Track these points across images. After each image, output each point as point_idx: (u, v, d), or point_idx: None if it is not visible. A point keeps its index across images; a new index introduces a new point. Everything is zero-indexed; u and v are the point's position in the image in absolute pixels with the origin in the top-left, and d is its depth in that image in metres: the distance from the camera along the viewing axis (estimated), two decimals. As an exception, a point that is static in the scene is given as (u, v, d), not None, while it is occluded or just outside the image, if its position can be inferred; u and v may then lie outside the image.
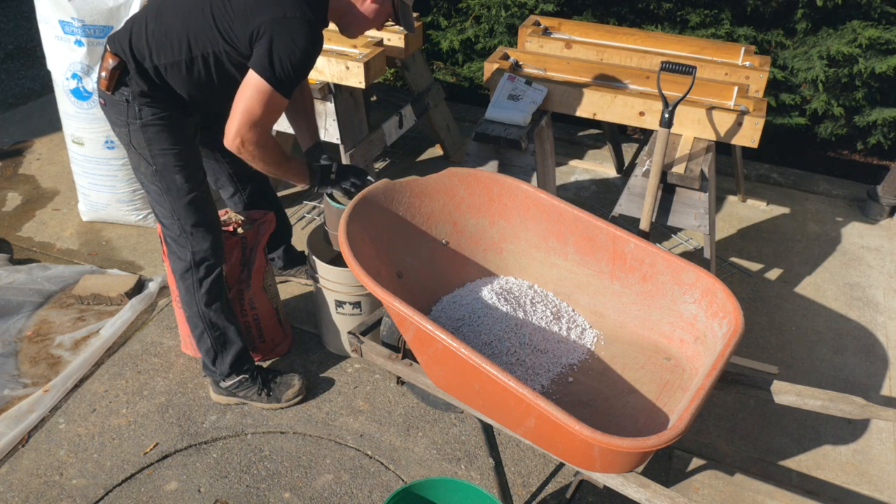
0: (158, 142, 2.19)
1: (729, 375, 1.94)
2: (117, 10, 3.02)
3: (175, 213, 2.27)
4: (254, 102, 1.99)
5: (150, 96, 2.14)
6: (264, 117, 2.02)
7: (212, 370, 2.50)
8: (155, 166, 2.21)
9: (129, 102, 2.14)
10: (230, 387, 2.52)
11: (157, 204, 2.30)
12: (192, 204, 2.27)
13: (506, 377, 1.62)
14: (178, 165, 2.22)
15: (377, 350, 2.12)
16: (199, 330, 2.43)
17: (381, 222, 2.13)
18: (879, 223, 3.62)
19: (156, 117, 2.16)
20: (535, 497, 2.29)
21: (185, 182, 2.24)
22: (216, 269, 2.37)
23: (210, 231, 2.33)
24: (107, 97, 2.17)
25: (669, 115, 2.42)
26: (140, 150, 2.20)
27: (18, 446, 2.43)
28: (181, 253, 2.33)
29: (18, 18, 5.95)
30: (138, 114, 2.15)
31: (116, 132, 2.25)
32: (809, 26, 3.78)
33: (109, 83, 2.13)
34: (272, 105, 2.02)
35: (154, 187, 2.26)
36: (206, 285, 2.36)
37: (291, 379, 2.57)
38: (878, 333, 2.96)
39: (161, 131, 2.18)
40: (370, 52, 3.07)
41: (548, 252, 2.22)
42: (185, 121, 2.24)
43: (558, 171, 4.00)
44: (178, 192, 2.24)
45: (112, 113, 2.20)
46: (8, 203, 3.71)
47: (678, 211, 2.61)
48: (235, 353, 2.47)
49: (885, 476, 2.39)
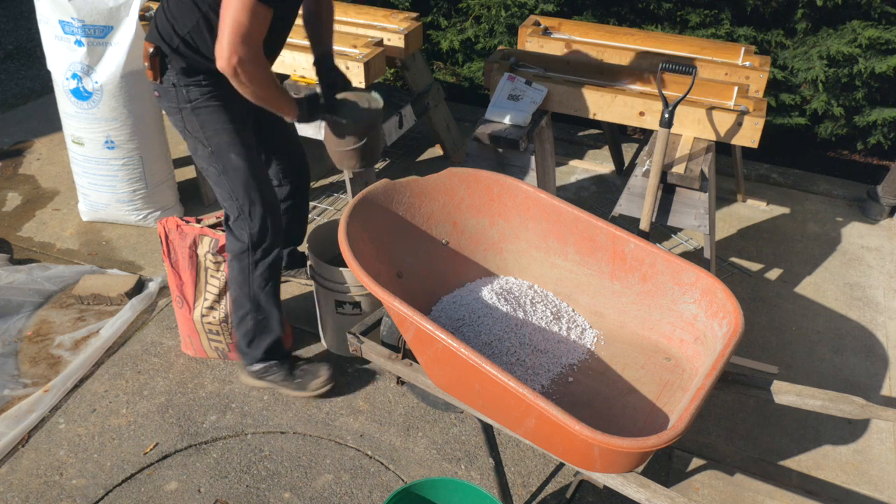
0: (211, 122, 2.24)
1: (729, 375, 1.94)
2: (117, 10, 3.02)
3: (234, 193, 2.30)
4: (240, 14, 1.94)
5: (192, 73, 2.18)
6: (253, 29, 1.97)
7: (244, 352, 2.52)
8: (210, 147, 2.26)
9: (175, 87, 2.20)
10: (258, 371, 2.53)
11: (216, 186, 2.34)
12: (250, 183, 2.30)
13: (506, 377, 1.62)
14: (232, 144, 2.26)
15: (377, 350, 2.12)
16: (244, 311, 2.44)
17: (381, 222, 2.13)
18: (879, 223, 3.62)
19: (204, 97, 2.21)
20: (535, 497, 2.29)
21: (242, 160, 2.28)
22: (273, 250, 2.40)
23: (268, 211, 2.35)
24: (157, 87, 2.25)
25: (669, 115, 2.42)
26: (194, 132, 2.26)
27: (18, 446, 2.43)
28: (239, 234, 2.36)
29: (18, 18, 5.95)
30: (186, 96, 2.21)
31: (173, 122, 2.31)
32: (809, 26, 3.78)
33: (154, 71, 2.20)
34: (258, 16, 1.96)
35: (212, 169, 2.30)
36: (261, 267, 2.39)
37: (319, 369, 2.58)
38: (878, 333, 2.96)
39: (213, 112, 2.24)
40: (370, 52, 3.07)
41: (548, 252, 2.22)
42: (234, 99, 2.22)
43: (558, 171, 4.00)
44: (235, 172, 2.28)
45: (165, 102, 2.26)
46: (8, 203, 3.71)
47: (678, 211, 2.61)
48: (272, 341, 2.49)
49: (885, 476, 2.39)
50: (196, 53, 2.18)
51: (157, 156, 3.36)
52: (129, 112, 3.18)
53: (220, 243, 2.52)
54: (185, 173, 3.79)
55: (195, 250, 2.55)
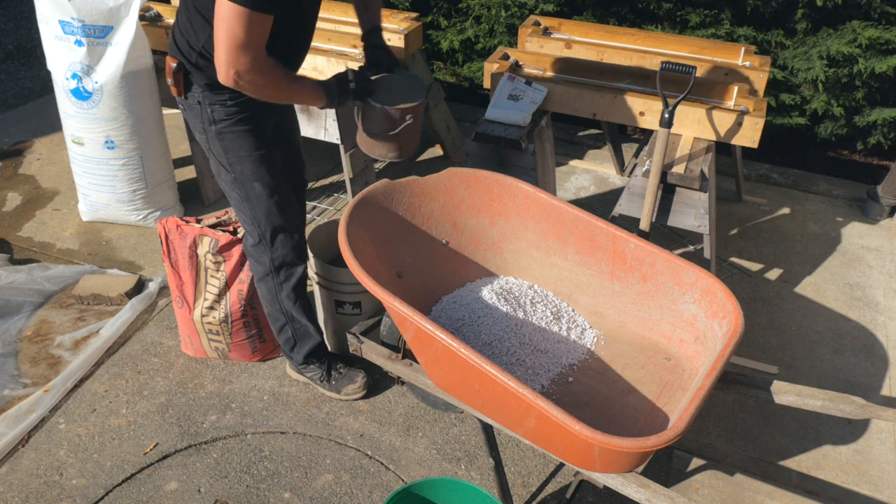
0: (235, 149, 2.16)
1: (729, 375, 1.94)
2: (117, 10, 3.02)
3: (255, 220, 2.26)
4: (233, 25, 1.82)
5: (217, 88, 2.08)
6: (249, 39, 1.85)
7: (288, 356, 2.57)
8: (234, 174, 2.20)
9: (200, 105, 2.12)
10: (300, 366, 2.58)
11: (238, 210, 2.30)
12: (273, 211, 2.25)
13: (506, 377, 1.62)
14: (256, 173, 2.19)
15: (377, 350, 2.12)
16: (281, 323, 2.46)
17: (381, 222, 2.13)
18: (879, 223, 3.62)
19: (230, 119, 2.13)
20: (535, 497, 2.29)
21: (265, 189, 2.22)
22: (298, 271, 2.39)
23: (291, 236, 2.32)
24: (182, 102, 2.16)
25: (669, 115, 2.42)
26: (218, 157, 2.19)
27: (18, 446, 2.43)
28: (260, 258, 2.34)
29: (18, 18, 5.95)
30: (211, 116, 2.12)
31: (197, 138, 2.23)
32: (809, 26, 3.78)
33: (178, 86, 2.11)
34: (254, 23, 1.84)
35: (234, 194, 2.25)
36: (286, 288, 2.39)
37: (356, 374, 2.59)
38: (878, 333, 2.96)
39: (238, 137, 2.15)
40: (370, 52, 3.07)
41: (548, 252, 2.22)
42: (262, 119, 2.18)
43: (558, 171, 4.00)
44: (258, 200, 2.22)
45: (190, 118, 2.18)
46: (8, 203, 3.71)
47: (678, 211, 2.61)
48: (312, 346, 2.52)
49: (885, 476, 2.39)
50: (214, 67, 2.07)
51: (157, 156, 3.36)
52: (129, 112, 3.18)
53: (220, 243, 2.52)
54: (185, 173, 3.79)
55: (195, 250, 2.55)
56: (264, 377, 2.70)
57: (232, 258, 2.54)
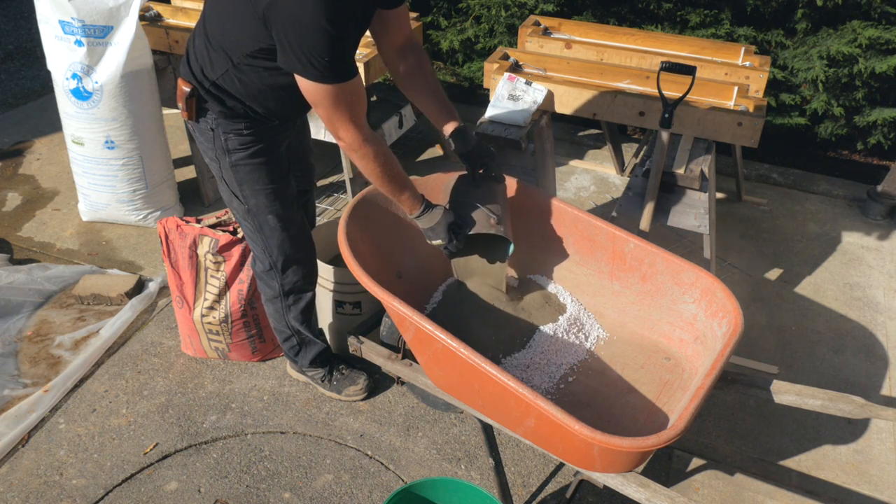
0: (250, 182, 2.10)
1: (729, 375, 1.94)
2: (117, 10, 3.02)
3: (268, 250, 2.24)
4: (325, 106, 1.76)
5: (233, 117, 2.00)
6: (346, 111, 1.78)
7: (292, 360, 2.57)
8: (247, 206, 2.15)
9: (214, 131, 2.03)
10: (302, 366, 2.58)
11: (250, 240, 2.27)
12: (286, 243, 2.23)
13: (505, 377, 1.62)
14: (269, 206, 2.14)
15: (377, 350, 2.12)
16: (286, 335, 2.47)
17: (381, 222, 2.13)
18: (879, 223, 3.62)
19: (245, 150, 2.05)
20: (535, 497, 2.29)
21: (278, 221, 2.18)
22: (307, 296, 2.39)
23: (302, 266, 2.31)
24: (193, 125, 2.08)
25: (669, 115, 2.42)
26: (232, 187, 2.13)
27: (18, 446, 2.43)
28: (269, 283, 2.33)
29: (18, 18, 5.95)
30: (225, 145, 2.04)
31: (208, 162, 2.15)
32: (809, 26, 3.78)
33: (189, 111, 2.02)
34: (342, 97, 1.75)
35: (247, 224, 2.21)
36: (294, 311, 2.39)
37: (358, 376, 2.59)
38: (878, 333, 2.96)
39: (253, 170, 2.08)
40: (370, 52, 3.07)
41: (548, 252, 2.22)
42: (276, 149, 2.11)
43: (558, 171, 3.99)
44: (272, 232, 2.19)
45: (202, 141, 2.09)
46: (8, 203, 3.71)
47: (678, 211, 2.61)
48: (316, 353, 2.52)
49: (885, 476, 2.39)
50: (231, 98, 1.98)
51: (157, 156, 3.36)
52: (129, 112, 3.18)
53: (220, 243, 2.52)
54: (185, 173, 3.79)
55: (195, 250, 2.55)
56: (264, 377, 2.70)
57: (232, 258, 2.54)
